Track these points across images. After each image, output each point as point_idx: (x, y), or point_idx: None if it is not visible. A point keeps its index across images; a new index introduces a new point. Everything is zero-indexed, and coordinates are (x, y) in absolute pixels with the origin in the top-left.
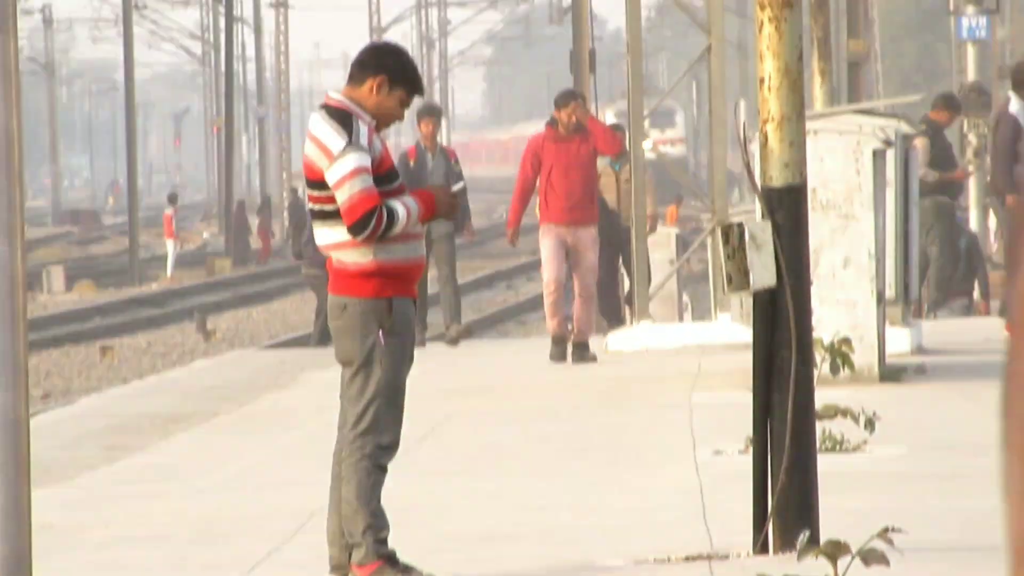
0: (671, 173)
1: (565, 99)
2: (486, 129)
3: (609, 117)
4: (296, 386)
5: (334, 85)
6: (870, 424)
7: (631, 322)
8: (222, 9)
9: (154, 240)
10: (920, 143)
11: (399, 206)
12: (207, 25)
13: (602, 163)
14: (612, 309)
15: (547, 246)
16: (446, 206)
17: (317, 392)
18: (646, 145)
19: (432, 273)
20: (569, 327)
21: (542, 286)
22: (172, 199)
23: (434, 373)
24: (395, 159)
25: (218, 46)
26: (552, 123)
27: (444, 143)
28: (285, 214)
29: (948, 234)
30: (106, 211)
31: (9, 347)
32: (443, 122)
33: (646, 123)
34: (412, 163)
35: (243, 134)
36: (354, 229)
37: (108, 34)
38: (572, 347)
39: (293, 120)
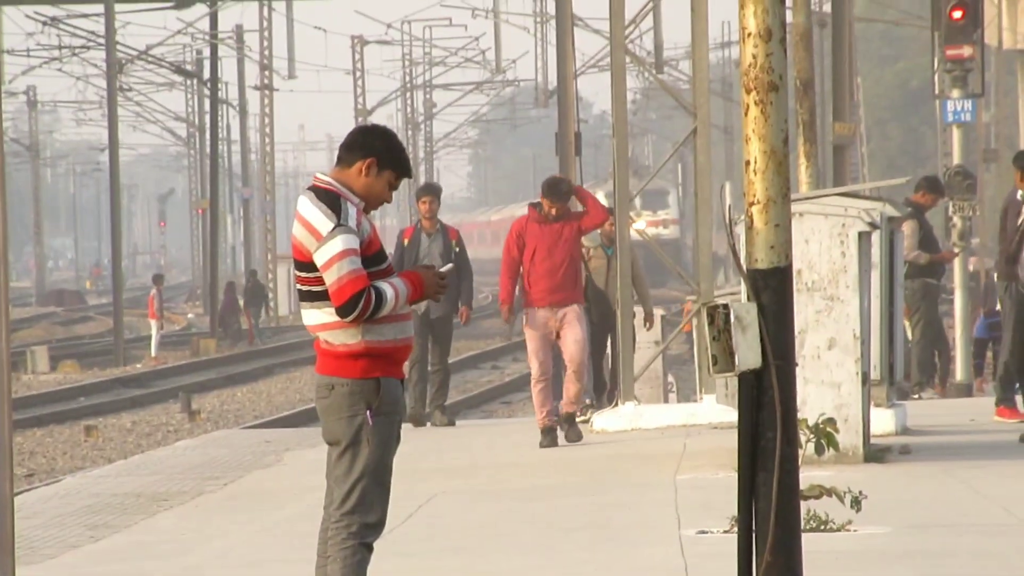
0: (658, 256)
1: (554, 193)
2: (474, 210)
3: (600, 198)
4: (281, 466)
5: (319, 167)
6: (856, 503)
7: (617, 403)
8: (207, 91)
9: (138, 321)
10: (908, 226)
11: (387, 287)
12: (192, 107)
13: (592, 242)
14: (600, 388)
15: (533, 337)
16: (434, 287)
17: (302, 471)
18: (639, 226)
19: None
20: (555, 418)
21: (530, 375)
22: (157, 280)
23: (420, 452)
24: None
25: (203, 128)
26: (536, 205)
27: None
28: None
29: (933, 315)
30: (87, 293)
31: None
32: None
33: (638, 203)
34: (406, 242)
35: (228, 215)
36: (343, 310)
37: (92, 116)
38: (561, 420)
39: (278, 201)
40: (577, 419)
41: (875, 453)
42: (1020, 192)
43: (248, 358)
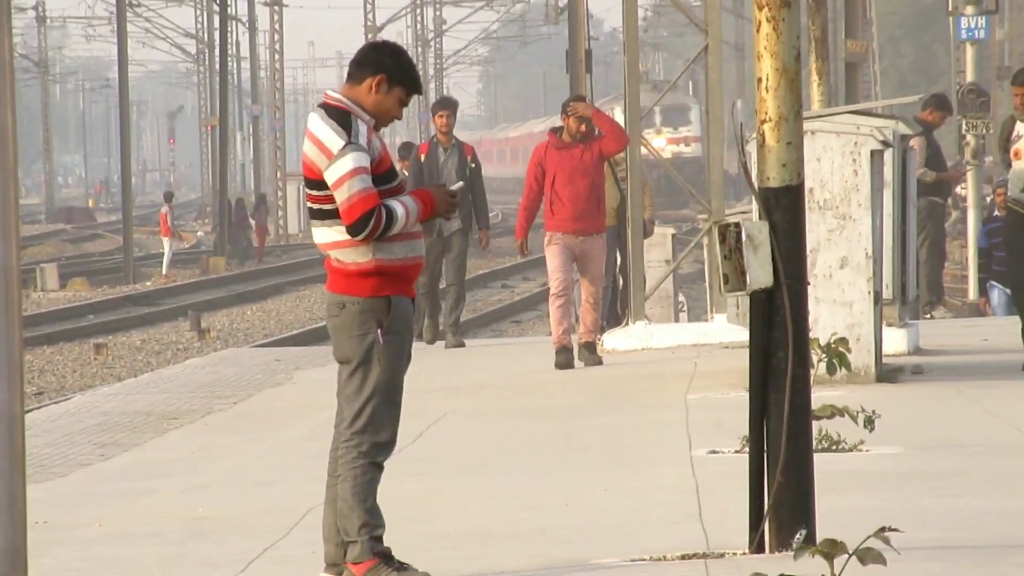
0: (671, 176)
1: (573, 102)
2: (491, 127)
3: (617, 114)
4: (291, 384)
5: (328, 84)
6: (869, 422)
7: (627, 322)
8: (216, 8)
9: (148, 238)
10: (917, 143)
11: (398, 206)
12: (201, 24)
13: None
14: (611, 312)
15: (553, 255)
16: (444, 205)
17: (312, 390)
18: (659, 143)
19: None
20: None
21: (543, 294)
22: (168, 197)
23: (430, 372)
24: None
25: (212, 44)
26: (556, 131)
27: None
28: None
29: (939, 234)
30: (96, 211)
31: (3, 344)
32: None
33: (657, 119)
34: (423, 158)
35: (237, 133)
36: (353, 229)
37: (102, 32)
38: (579, 347)
39: (287, 119)
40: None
41: (887, 373)
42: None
43: (258, 276)
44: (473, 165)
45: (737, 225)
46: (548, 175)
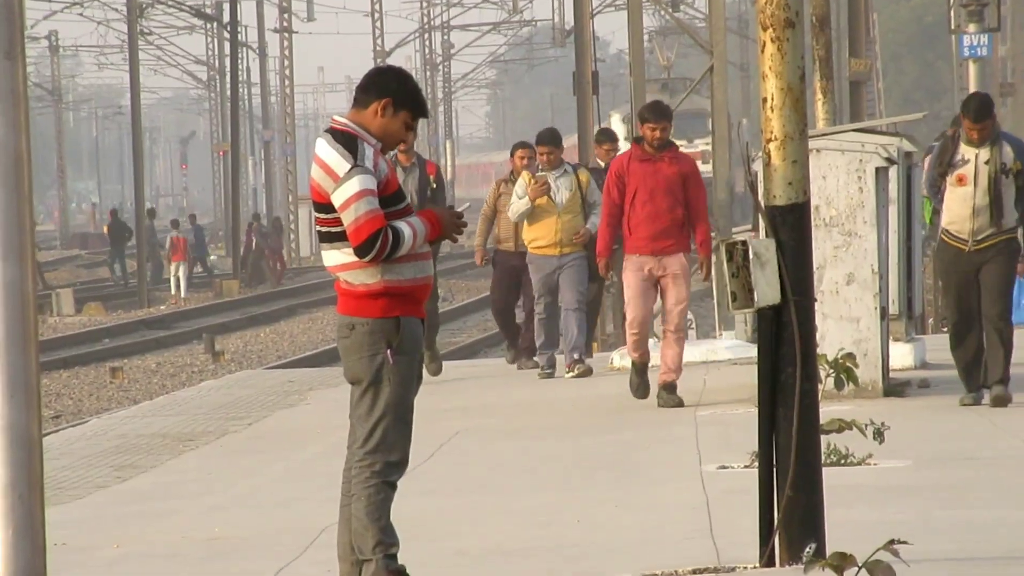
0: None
1: (655, 114)
2: (491, 150)
3: (615, 122)
4: (304, 405)
5: (338, 108)
6: (879, 434)
7: None
8: (227, 35)
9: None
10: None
11: (405, 227)
12: (212, 51)
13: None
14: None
15: (632, 282)
16: (452, 226)
17: (325, 411)
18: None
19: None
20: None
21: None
22: (175, 224)
23: (441, 391)
24: None
25: (223, 71)
26: (638, 140)
27: (436, 162)
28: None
29: None
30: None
31: (21, 368)
32: (448, 145)
33: (671, 129)
34: None
35: (249, 158)
36: (360, 250)
37: (114, 60)
38: (658, 388)
39: (298, 143)
40: (572, 374)
41: (894, 387)
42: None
43: (271, 299)
44: (435, 185)
45: (744, 243)
46: (629, 189)
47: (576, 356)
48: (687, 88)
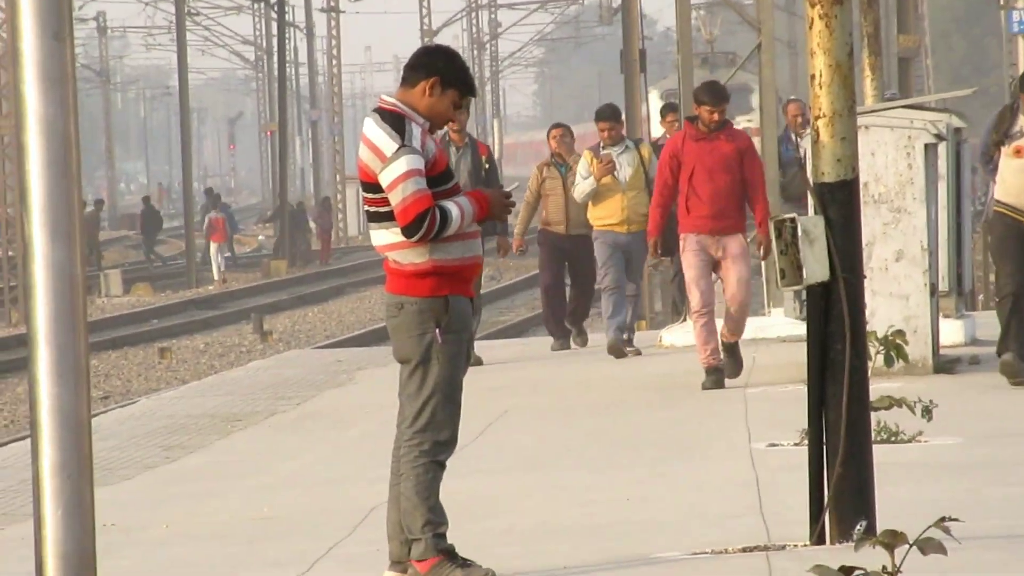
0: None
1: (713, 97)
2: (538, 128)
3: (653, 98)
4: (353, 384)
5: (385, 88)
6: (927, 412)
7: (685, 317)
8: (274, 15)
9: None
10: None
11: (452, 207)
12: (259, 31)
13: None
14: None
15: (691, 264)
16: (500, 206)
17: (374, 390)
18: None
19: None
20: (720, 357)
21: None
22: (213, 201)
23: (489, 370)
24: None
25: (271, 51)
26: (692, 119)
27: (487, 142)
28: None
29: None
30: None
31: (70, 349)
32: (496, 124)
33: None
34: None
35: (296, 137)
36: (408, 230)
37: (161, 41)
38: (723, 345)
39: (345, 123)
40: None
41: (944, 364)
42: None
43: (319, 279)
44: (488, 165)
45: (793, 220)
46: (685, 169)
47: (626, 336)
48: (728, 63)
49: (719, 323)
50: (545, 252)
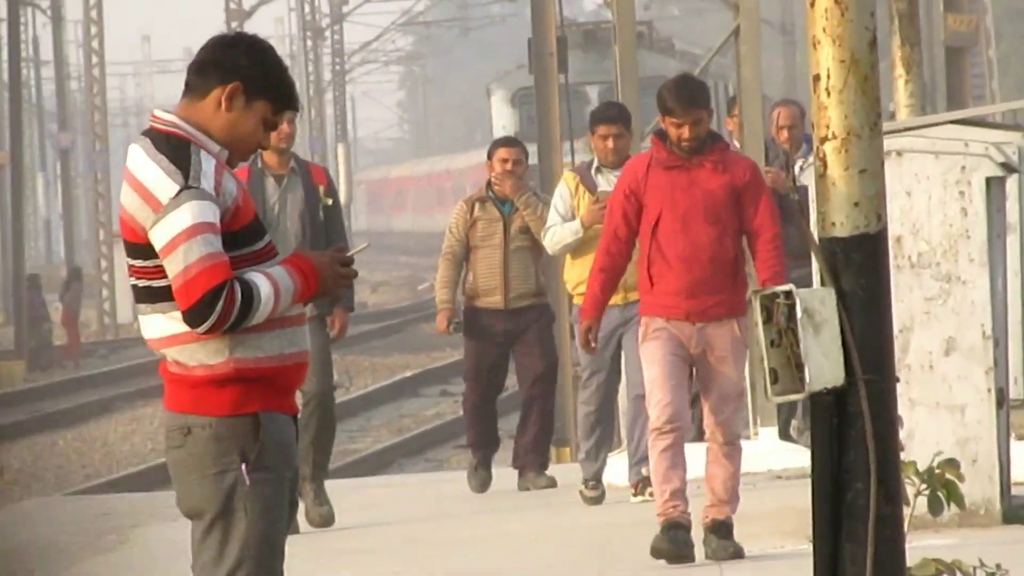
0: None
1: (681, 101)
2: (409, 158)
3: (498, 103)
4: (125, 549)
5: (174, 98)
6: None
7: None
8: None
9: None
10: None
11: (262, 280)
12: None
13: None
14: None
15: (655, 358)
16: (333, 277)
17: (157, 558)
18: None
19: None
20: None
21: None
22: None
23: (339, 523)
24: None
25: None
26: (660, 135)
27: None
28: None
29: None
30: None
31: None
32: (341, 151)
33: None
34: None
35: (38, 175)
36: (191, 316)
37: None
38: (704, 529)
39: (113, 153)
40: (641, 498)
41: (1018, 511)
42: None
43: (74, 389)
44: (331, 201)
45: (789, 295)
46: (648, 213)
47: (644, 473)
48: (667, 46)
49: (696, 449)
50: (472, 344)
